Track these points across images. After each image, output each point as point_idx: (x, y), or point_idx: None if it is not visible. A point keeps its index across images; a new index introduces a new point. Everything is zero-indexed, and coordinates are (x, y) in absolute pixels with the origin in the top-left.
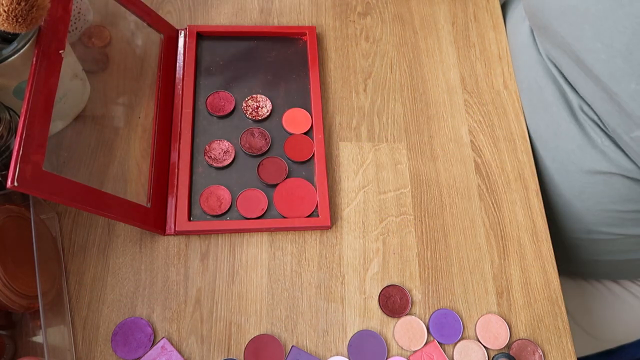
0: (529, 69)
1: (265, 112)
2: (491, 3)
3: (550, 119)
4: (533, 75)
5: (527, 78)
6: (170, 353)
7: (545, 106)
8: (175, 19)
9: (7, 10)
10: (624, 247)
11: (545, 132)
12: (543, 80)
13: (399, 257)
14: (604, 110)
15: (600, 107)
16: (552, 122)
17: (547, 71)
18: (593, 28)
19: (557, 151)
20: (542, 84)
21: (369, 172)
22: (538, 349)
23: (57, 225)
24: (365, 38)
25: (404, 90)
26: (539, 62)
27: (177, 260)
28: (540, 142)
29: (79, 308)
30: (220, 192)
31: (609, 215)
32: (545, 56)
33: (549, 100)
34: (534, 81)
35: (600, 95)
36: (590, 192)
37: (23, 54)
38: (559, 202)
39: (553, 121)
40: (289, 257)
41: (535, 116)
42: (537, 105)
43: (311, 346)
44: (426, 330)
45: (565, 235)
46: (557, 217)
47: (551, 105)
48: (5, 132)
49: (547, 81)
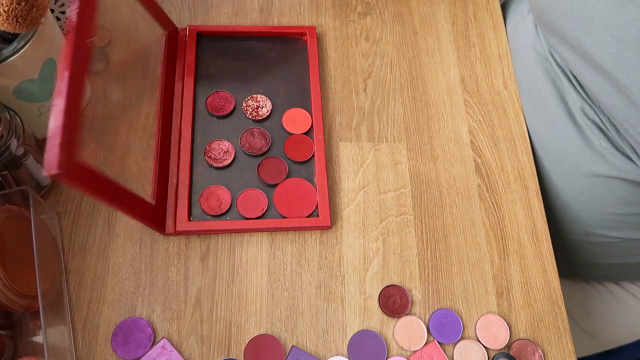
0: (528, 69)
1: (265, 112)
2: (491, 3)
3: (548, 120)
4: (532, 76)
5: (526, 79)
6: (170, 353)
7: (544, 107)
8: (175, 19)
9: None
10: (622, 250)
11: (544, 133)
12: (542, 81)
13: (399, 257)
14: (611, 104)
15: (607, 102)
16: (551, 124)
17: (546, 72)
18: (602, 21)
19: (556, 152)
20: (540, 84)
21: (369, 172)
22: (538, 349)
23: (57, 225)
24: (365, 38)
25: (404, 90)
26: (538, 62)
27: (177, 260)
28: (539, 143)
29: (79, 308)
30: (220, 192)
31: (608, 218)
32: (548, 55)
33: (548, 101)
34: (533, 82)
35: (608, 89)
36: (589, 194)
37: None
38: (558, 204)
39: (551, 122)
40: (289, 257)
41: (534, 117)
42: (536, 106)
43: (311, 346)
44: (426, 330)
45: (564, 237)
46: (555, 218)
47: (550, 107)
48: (5, 132)
49: (547, 82)
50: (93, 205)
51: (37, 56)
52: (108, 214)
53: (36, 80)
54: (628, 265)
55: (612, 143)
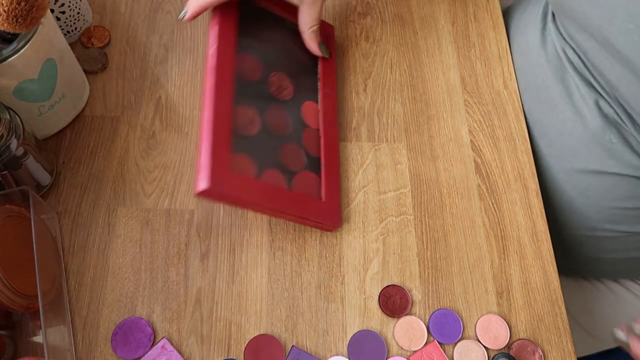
0: (537, 69)
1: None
2: (491, 3)
3: (557, 117)
4: (541, 75)
5: (533, 78)
6: (170, 353)
7: (552, 106)
8: (175, 19)
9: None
10: (628, 244)
11: (551, 131)
12: (551, 80)
13: (399, 257)
14: (630, 94)
15: (626, 92)
16: (559, 121)
17: (556, 71)
18: (625, 9)
19: (563, 150)
20: (549, 83)
21: (369, 172)
22: (538, 349)
23: (57, 225)
24: (365, 38)
25: (404, 90)
26: (547, 61)
27: (177, 260)
28: (544, 142)
29: (79, 308)
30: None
31: (614, 212)
32: (560, 53)
33: (556, 100)
34: (541, 81)
35: (629, 78)
36: (595, 189)
37: (23, 54)
38: (564, 200)
39: (559, 121)
40: (289, 257)
41: (540, 116)
42: (543, 105)
43: (311, 346)
44: (426, 330)
45: (569, 232)
46: (560, 214)
47: (557, 105)
48: (5, 132)
49: (555, 81)
50: (93, 205)
51: (37, 56)
52: (108, 213)
53: (36, 80)
54: (633, 260)
55: (624, 138)
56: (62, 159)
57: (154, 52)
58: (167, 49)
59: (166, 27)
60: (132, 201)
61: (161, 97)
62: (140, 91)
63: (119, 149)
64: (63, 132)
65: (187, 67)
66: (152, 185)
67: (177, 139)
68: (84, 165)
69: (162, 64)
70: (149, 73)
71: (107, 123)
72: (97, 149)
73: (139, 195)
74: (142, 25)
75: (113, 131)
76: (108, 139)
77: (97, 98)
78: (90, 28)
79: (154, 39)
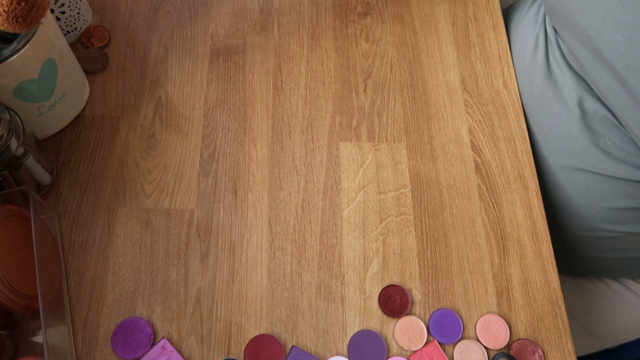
0: (533, 72)
1: None
2: (491, 3)
3: (554, 120)
4: (539, 76)
5: (532, 79)
6: (170, 353)
7: (550, 108)
8: (175, 19)
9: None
10: (628, 244)
11: (549, 132)
12: (548, 81)
13: (399, 257)
14: (618, 103)
15: (613, 101)
16: (556, 124)
17: (553, 73)
18: (614, 20)
19: (560, 152)
20: (547, 85)
21: (369, 172)
22: (538, 349)
23: (57, 225)
24: (365, 38)
25: (404, 90)
26: (545, 63)
27: (177, 260)
28: (543, 143)
29: (79, 308)
30: None
31: (614, 212)
32: (557, 55)
33: (553, 102)
34: (540, 82)
35: (616, 87)
36: (595, 190)
37: (23, 54)
38: (563, 200)
39: (557, 123)
40: (289, 257)
41: (537, 118)
42: (539, 108)
43: (311, 346)
44: (426, 330)
45: (569, 232)
46: (560, 214)
47: (552, 108)
48: (5, 132)
49: (550, 85)
50: (93, 205)
51: (37, 56)
52: (108, 213)
53: (36, 80)
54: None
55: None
56: (62, 159)
57: (154, 52)
58: (167, 48)
59: (166, 27)
60: (132, 201)
61: (161, 97)
62: (140, 91)
63: (119, 149)
64: (63, 132)
65: (187, 67)
66: (152, 185)
67: (177, 139)
68: (84, 165)
69: (162, 63)
70: (149, 73)
71: (107, 123)
72: (97, 149)
73: (139, 195)
74: (142, 25)
75: (113, 131)
76: (108, 139)
77: (97, 98)
78: (90, 28)
79: (154, 39)
